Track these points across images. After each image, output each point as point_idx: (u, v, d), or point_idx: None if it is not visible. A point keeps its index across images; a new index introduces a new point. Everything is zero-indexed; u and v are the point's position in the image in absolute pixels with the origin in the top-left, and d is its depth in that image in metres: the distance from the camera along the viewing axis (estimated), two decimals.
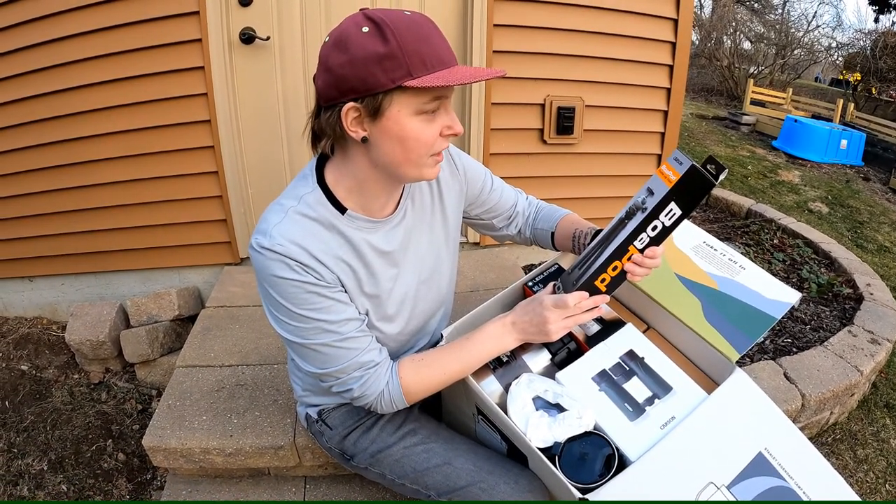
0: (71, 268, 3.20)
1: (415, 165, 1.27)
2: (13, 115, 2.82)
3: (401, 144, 1.22)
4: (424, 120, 1.21)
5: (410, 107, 1.18)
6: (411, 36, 1.13)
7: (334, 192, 1.35)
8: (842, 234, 5.56)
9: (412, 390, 1.42)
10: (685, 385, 1.38)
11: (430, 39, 1.15)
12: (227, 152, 2.91)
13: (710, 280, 1.60)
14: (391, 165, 1.27)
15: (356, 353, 1.38)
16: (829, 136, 8.86)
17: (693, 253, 1.68)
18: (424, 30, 1.16)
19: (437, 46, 1.17)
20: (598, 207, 3.52)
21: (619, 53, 3.22)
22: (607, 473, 1.23)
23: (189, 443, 2.00)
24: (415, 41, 1.13)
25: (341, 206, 1.35)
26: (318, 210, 1.33)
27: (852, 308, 3.41)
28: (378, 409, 1.44)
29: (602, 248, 1.39)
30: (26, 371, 2.92)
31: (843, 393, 2.64)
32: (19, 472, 2.44)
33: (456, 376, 1.43)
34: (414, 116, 1.20)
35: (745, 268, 1.64)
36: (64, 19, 2.65)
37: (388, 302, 1.48)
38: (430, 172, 1.31)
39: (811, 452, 1.32)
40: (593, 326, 1.53)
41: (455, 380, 1.44)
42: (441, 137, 1.26)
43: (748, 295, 1.56)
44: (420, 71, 1.13)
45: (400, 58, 1.12)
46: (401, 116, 1.19)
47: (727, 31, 17.66)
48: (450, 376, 1.43)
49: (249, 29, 2.81)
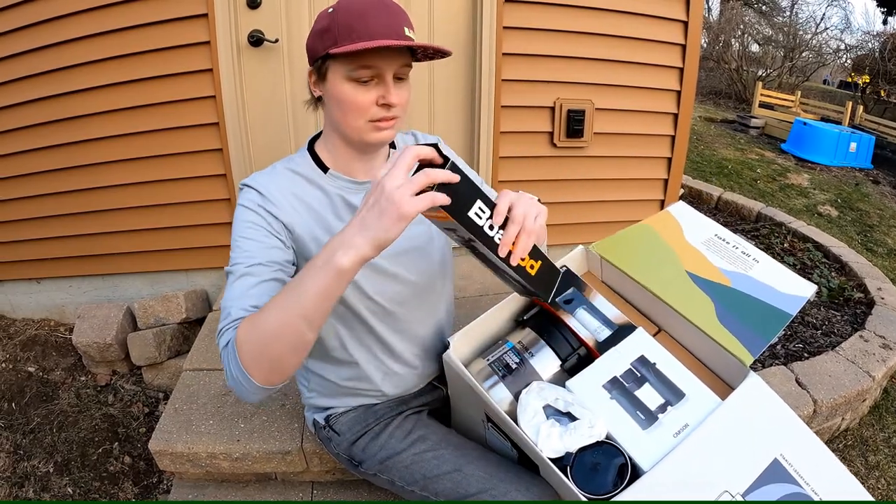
0: (78, 270, 3.20)
1: (353, 128, 1.40)
2: (21, 117, 2.83)
3: (338, 106, 1.38)
4: (356, 86, 1.34)
5: (341, 73, 1.33)
6: (348, 14, 1.28)
7: (319, 154, 1.53)
8: (852, 237, 5.53)
9: (243, 340, 1.16)
10: (698, 391, 1.35)
11: (364, 16, 1.27)
12: (235, 155, 2.90)
13: (723, 277, 1.58)
14: (337, 124, 1.43)
15: (242, 296, 1.26)
16: (839, 139, 8.83)
17: (705, 248, 1.66)
18: (365, 8, 1.28)
19: (370, 23, 1.27)
20: (607, 211, 3.51)
21: (628, 56, 3.21)
22: (620, 483, 1.21)
23: (196, 447, 1.99)
24: (349, 17, 1.27)
25: (324, 166, 1.51)
26: (303, 167, 1.51)
27: (863, 313, 3.39)
28: (230, 382, 1.21)
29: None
30: (33, 373, 2.92)
31: (854, 399, 2.62)
32: (25, 474, 2.45)
33: (294, 311, 1.13)
34: (346, 82, 1.33)
35: (758, 260, 1.62)
36: (72, 21, 2.65)
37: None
38: (372, 136, 1.41)
39: (828, 457, 1.30)
40: (604, 332, 1.52)
41: (295, 318, 1.13)
42: (378, 106, 1.36)
43: (762, 291, 1.54)
44: (345, 41, 1.26)
45: (333, 30, 1.28)
46: (336, 81, 1.35)
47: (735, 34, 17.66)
48: (287, 313, 1.14)
49: (258, 31, 2.80)
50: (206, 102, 2.82)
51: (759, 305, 1.51)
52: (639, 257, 1.65)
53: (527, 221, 1.20)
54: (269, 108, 2.98)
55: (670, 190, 3.54)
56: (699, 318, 1.49)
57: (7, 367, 2.92)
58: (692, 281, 1.58)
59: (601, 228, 3.35)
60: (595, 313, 1.54)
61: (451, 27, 3.06)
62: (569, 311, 1.54)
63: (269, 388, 1.20)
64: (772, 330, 1.46)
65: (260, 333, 1.15)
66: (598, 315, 1.54)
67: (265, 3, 2.80)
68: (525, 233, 1.20)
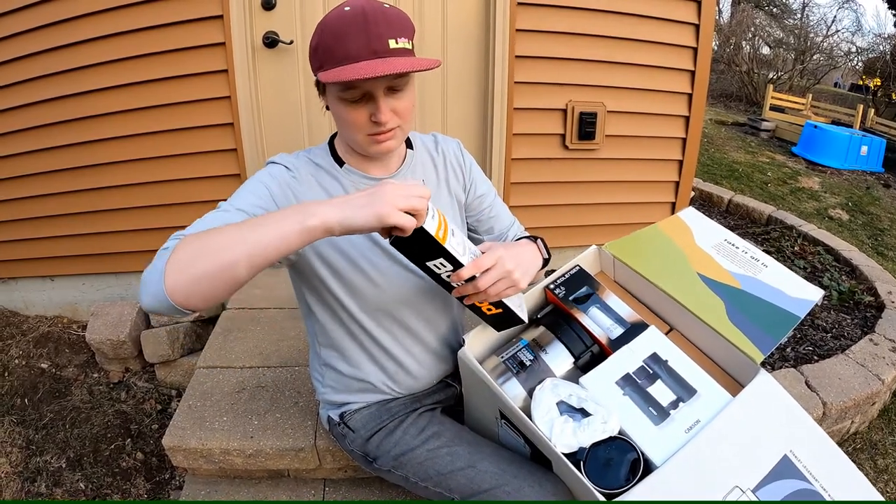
0: (92, 268, 3.23)
1: (353, 141, 1.45)
2: (37, 116, 2.85)
3: (337, 121, 1.44)
4: (348, 105, 1.35)
5: (333, 92, 1.36)
6: (329, 33, 1.28)
7: (337, 149, 1.57)
8: (862, 241, 5.52)
9: (183, 246, 1.10)
10: (709, 388, 1.37)
11: (342, 38, 1.27)
12: (249, 155, 2.92)
13: (733, 279, 1.59)
14: (341, 133, 1.51)
15: (206, 221, 1.25)
16: (850, 142, 8.80)
17: (715, 252, 1.68)
18: (343, 27, 1.27)
19: (348, 45, 1.27)
20: (619, 213, 3.51)
21: (641, 59, 3.22)
22: (633, 479, 1.22)
23: (209, 443, 2.01)
24: (329, 39, 1.28)
25: (341, 160, 1.55)
26: (322, 158, 1.55)
27: (874, 316, 3.39)
28: (144, 275, 1.12)
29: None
30: (46, 369, 2.94)
31: (864, 402, 2.62)
32: (37, 469, 2.46)
33: (243, 240, 1.10)
34: (339, 101, 1.36)
35: (767, 265, 1.64)
36: (89, 22, 2.68)
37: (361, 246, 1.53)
38: (372, 149, 1.44)
39: (837, 454, 1.31)
40: (617, 329, 1.53)
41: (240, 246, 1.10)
42: (370, 123, 1.38)
43: (771, 294, 1.55)
44: (328, 65, 1.29)
45: (318, 52, 1.31)
46: (331, 98, 1.39)
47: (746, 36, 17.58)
48: (235, 238, 1.11)
49: (273, 33, 2.82)
50: (222, 103, 2.84)
51: (768, 307, 1.52)
52: (651, 258, 1.66)
53: (489, 290, 1.35)
54: (283, 108, 3.00)
55: (681, 192, 3.55)
56: (710, 317, 1.50)
57: (20, 364, 2.94)
58: (702, 282, 1.59)
59: (612, 230, 3.36)
60: (608, 311, 1.56)
61: (464, 30, 3.08)
62: (582, 309, 1.55)
63: (165, 302, 1.07)
64: (780, 331, 1.47)
65: (200, 245, 1.10)
66: (611, 313, 1.56)
67: (280, 4, 2.82)
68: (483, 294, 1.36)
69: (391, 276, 1.54)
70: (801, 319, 1.50)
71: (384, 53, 1.27)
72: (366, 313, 1.57)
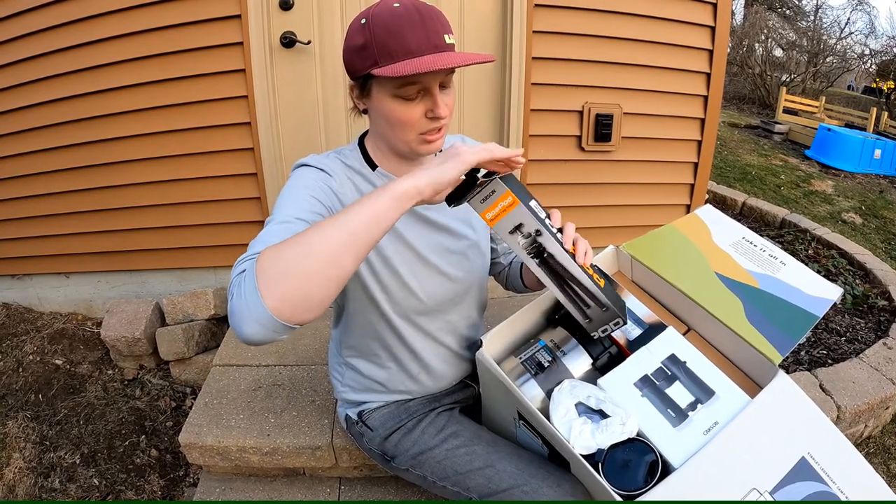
0: (107, 265, 3.24)
1: (403, 141, 1.41)
2: (56, 113, 2.87)
3: (386, 122, 1.39)
4: (403, 103, 1.33)
5: (387, 91, 1.33)
6: (384, 29, 1.25)
7: (369, 151, 1.53)
8: (876, 245, 5.50)
9: (265, 264, 1.00)
10: (728, 389, 1.36)
11: (400, 33, 1.25)
12: (266, 154, 2.93)
13: (751, 278, 1.59)
14: (384, 137, 1.45)
15: (272, 235, 1.16)
16: (863, 145, 8.76)
17: (733, 250, 1.67)
18: (400, 22, 1.26)
19: (407, 38, 1.25)
20: (634, 215, 3.51)
21: (656, 61, 3.21)
22: (651, 480, 1.23)
23: (226, 441, 2.02)
24: (384, 35, 1.25)
25: (373, 163, 1.51)
26: (353, 160, 1.51)
27: (887, 320, 3.38)
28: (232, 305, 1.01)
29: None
30: (60, 365, 2.96)
31: (878, 406, 2.61)
32: (51, 465, 2.47)
33: (339, 228, 1.04)
34: (392, 100, 1.33)
35: (785, 263, 1.63)
36: (107, 21, 2.70)
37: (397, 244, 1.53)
38: (422, 149, 1.42)
39: (855, 457, 1.31)
40: (635, 330, 1.53)
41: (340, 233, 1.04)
42: (427, 119, 1.36)
43: (789, 293, 1.55)
44: (385, 61, 1.26)
45: (371, 49, 1.27)
46: (381, 98, 1.35)
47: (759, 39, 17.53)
48: (328, 230, 1.04)
49: (290, 33, 2.83)
50: (239, 102, 2.85)
51: (787, 306, 1.51)
52: (668, 258, 1.66)
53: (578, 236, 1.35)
54: (300, 108, 3.00)
55: (696, 194, 3.54)
56: (728, 318, 1.50)
57: (34, 360, 2.95)
58: (721, 281, 1.59)
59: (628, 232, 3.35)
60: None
61: (481, 31, 3.08)
62: None
63: (271, 323, 0.98)
64: (799, 331, 1.46)
65: (288, 253, 1.01)
66: (629, 314, 1.56)
67: (297, 4, 2.83)
68: (581, 240, 1.33)
69: (423, 278, 1.55)
70: (819, 318, 1.49)
71: (443, 48, 1.29)
72: (398, 314, 1.57)
